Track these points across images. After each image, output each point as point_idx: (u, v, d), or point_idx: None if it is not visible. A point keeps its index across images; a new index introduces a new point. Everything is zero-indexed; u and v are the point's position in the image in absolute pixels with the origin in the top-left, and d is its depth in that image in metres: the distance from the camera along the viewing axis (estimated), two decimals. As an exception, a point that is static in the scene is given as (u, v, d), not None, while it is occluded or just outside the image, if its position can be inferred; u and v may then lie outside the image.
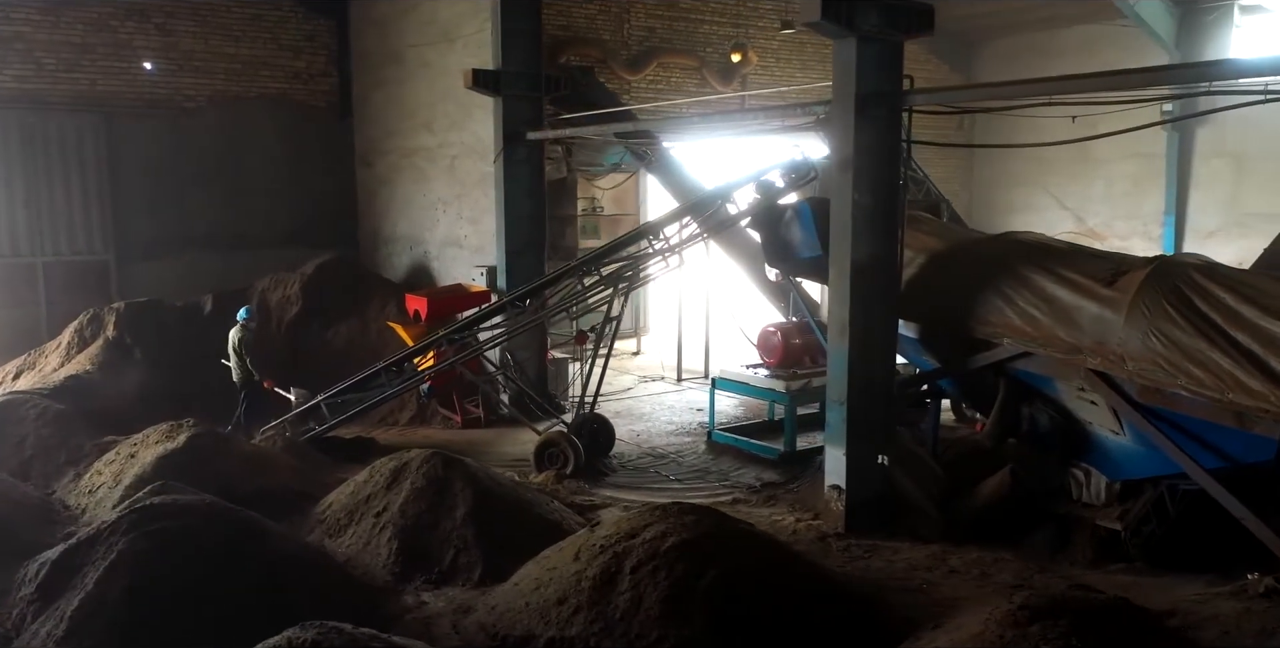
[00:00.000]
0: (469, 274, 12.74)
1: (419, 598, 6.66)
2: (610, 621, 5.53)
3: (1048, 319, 6.66)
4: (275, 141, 14.86)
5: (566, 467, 9.19)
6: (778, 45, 21.43)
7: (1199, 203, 20.35)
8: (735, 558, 5.76)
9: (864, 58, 7.20)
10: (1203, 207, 20.19)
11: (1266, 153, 18.39)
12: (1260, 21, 19.42)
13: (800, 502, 8.53)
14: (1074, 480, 7.27)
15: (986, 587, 6.68)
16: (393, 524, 7.26)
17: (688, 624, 5.42)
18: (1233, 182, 19.84)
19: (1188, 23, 20.24)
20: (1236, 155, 19.58)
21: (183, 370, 11.80)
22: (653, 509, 6.24)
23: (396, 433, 11.42)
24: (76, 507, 8.33)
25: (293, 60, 14.96)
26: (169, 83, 13.97)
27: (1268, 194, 19.34)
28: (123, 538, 5.93)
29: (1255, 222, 19.23)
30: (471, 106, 12.48)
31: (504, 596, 6.19)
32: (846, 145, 7.29)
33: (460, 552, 7.04)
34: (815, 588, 5.88)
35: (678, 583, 5.57)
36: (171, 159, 14.01)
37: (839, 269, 7.46)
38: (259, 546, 6.28)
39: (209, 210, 14.36)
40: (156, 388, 11.41)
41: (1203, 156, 20.03)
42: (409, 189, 14.22)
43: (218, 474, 8.25)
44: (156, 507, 6.15)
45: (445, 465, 7.59)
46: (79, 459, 9.11)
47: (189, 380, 11.68)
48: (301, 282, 13.00)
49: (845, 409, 7.51)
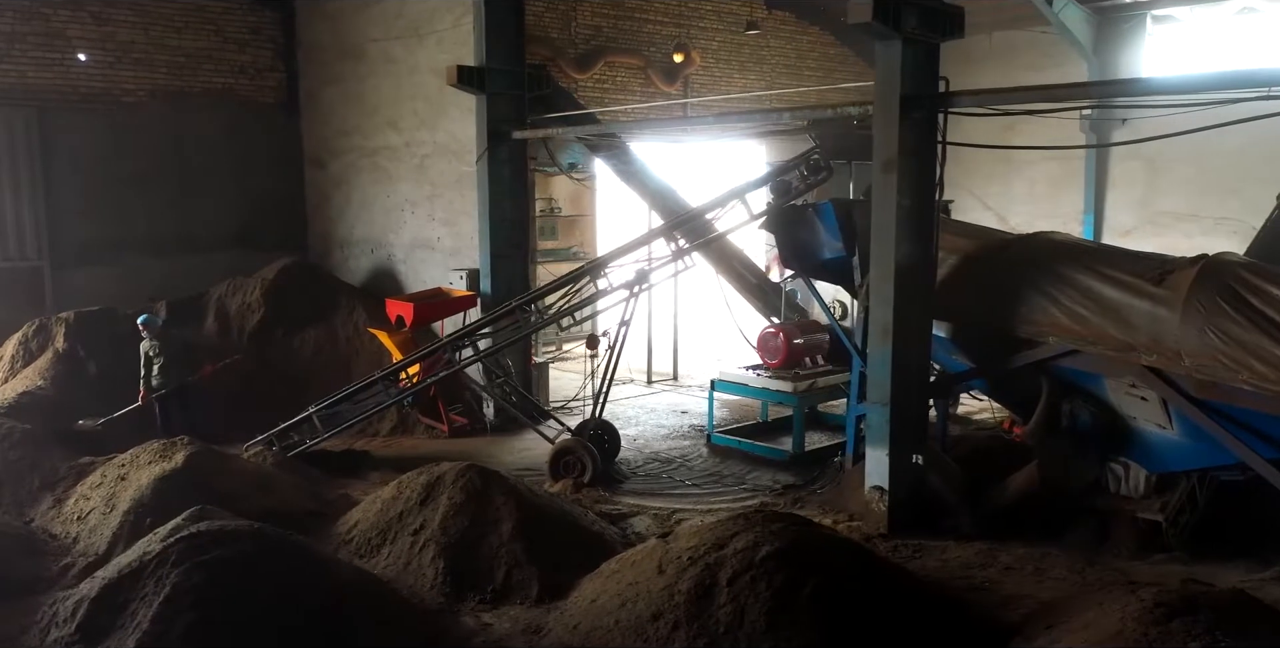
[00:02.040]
0: (444, 278, 12.31)
1: (479, 620, 6.35)
2: (714, 635, 5.36)
3: (1097, 318, 6.79)
4: (220, 139, 14.03)
5: (584, 475, 8.94)
6: (717, 46, 21.53)
7: (1115, 202, 21.30)
8: (831, 565, 5.67)
9: (907, 60, 7.22)
10: (1119, 206, 21.13)
11: (1176, 155, 19.39)
12: (1170, 30, 20.50)
13: (829, 503, 8.50)
14: (1112, 475, 7.46)
15: (1045, 582, 6.78)
16: (435, 542, 6.91)
17: (796, 636, 5.30)
18: (1146, 182, 20.83)
19: (1104, 31, 21.22)
20: (1149, 157, 20.56)
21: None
22: (735, 518, 6.10)
23: (381, 444, 10.92)
24: (65, 535, 7.64)
25: (237, 54, 14.16)
26: (106, 75, 13.02)
27: (1178, 194, 20.39)
28: (174, 570, 5.46)
29: (1167, 220, 20.33)
30: (446, 104, 12.05)
31: (584, 614, 5.94)
32: (890, 147, 7.30)
33: (512, 569, 6.75)
34: (909, 591, 5.85)
35: (779, 593, 5.43)
36: (110, 157, 13.06)
37: (882, 270, 7.47)
38: (316, 572, 5.88)
39: (150, 212, 13.45)
40: (116, 404, 10.61)
41: (1118, 158, 20.94)
42: (370, 190, 13.64)
43: (222, 495, 7.71)
44: (205, 535, 5.68)
45: (483, 478, 7.28)
46: (55, 483, 8.38)
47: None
48: (262, 287, 12.32)
49: (889, 410, 7.52)
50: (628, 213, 18.03)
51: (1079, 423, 7.34)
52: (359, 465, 9.71)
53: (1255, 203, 19.07)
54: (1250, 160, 17.98)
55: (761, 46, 22.51)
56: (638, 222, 18.30)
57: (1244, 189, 18.66)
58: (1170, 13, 20.46)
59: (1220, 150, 18.37)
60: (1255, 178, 18.87)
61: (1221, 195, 19.31)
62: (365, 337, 12.29)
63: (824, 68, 23.98)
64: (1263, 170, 18.40)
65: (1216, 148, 17.89)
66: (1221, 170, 18.91)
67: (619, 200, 16.77)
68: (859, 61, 25.03)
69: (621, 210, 17.66)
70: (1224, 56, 19.00)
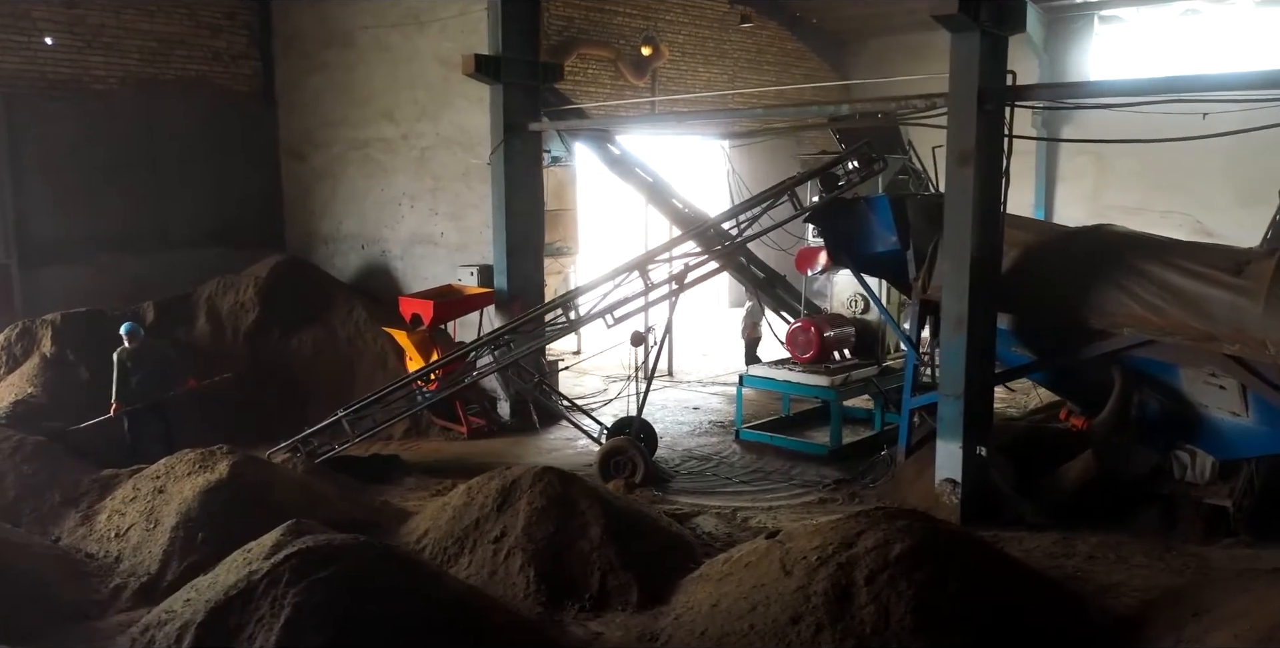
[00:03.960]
0: (449, 274, 11.91)
1: (587, 629, 6.12)
2: (861, 637, 5.25)
3: (1175, 309, 6.91)
4: (195, 130, 13.31)
5: (635, 475, 8.74)
6: (683, 40, 21.44)
7: (1065, 196, 21.93)
8: (964, 561, 5.63)
9: (984, 52, 7.22)
10: (1068, 200, 21.76)
11: (1122, 150, 20.09)
12: (1115, 30, 21.23)
13: (886, 497, 8.48)
14: (1177, 462, 7.61)
15: (1132, 569, 6.86)
16: (521, 549, 6.64)
17: (945, 634, 5.23)
18: (1094, 177, 21.51)
19: (1055, 30, 21.85)
20: (1097, 152, 21.24)
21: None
22: (854, 516, 6.00)
23: (398, 448, 10.50)
24: (103, 554, 7.09)
25: (211, 40, 13.44)
26: (75, 61, 12.20)
27: (1124, 189, 21.09)
28: (289, 589, 5.08)
29: (1115, 214, 20.92)
30: (450, 94, 11.65)
31: (707, 619, 5.75)
32: (967, 139, 7.30)
33: (607, 574, 6.52)
34: (1034, 584, 5.85)
35: (921, 592, 5.36)
36: (81, 148, 12.25)
37: (956, 263, 7.47)
38: (429, 585, 5.56)
39: (124, 207, 12.67)
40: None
41: (1068, 153, 21.56)
42: (359, 184, 13.11)
43: (273, 507, 7.30)
44: (316, 551, 5.31)
45: (562, 481, 7.03)
46: (77, 499, 7.78)
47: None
48: (256, 286, 11.73)
49: (962, 403, 7.53)
50: (610, 207, 17.85)
51: (1147, 412, 7.47)
52: (390, 471, 9.30)
53: (1200, 197, 19.90)
54: (1194, 156, 18.71)
55: (724, 41, 22.51)
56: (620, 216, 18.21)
57: (1189, 184, 19.47)
58: (1117, 13, 21.17)
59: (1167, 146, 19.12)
60: (1200, 173, 19.68)
61: (1168, 190, 19.99)
62: (368, 337, 11.82)
63: (781, 63, 24.16)
64: (1206, 165, 19.21)
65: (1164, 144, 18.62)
66: (1167, 166, 19.59)
67: (602, 194, 16.56)
68: (814, 57, 25.32)
69: (603, 205, 17.45)
70: (1168, 56, 19.78)
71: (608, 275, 9.09)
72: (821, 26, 24.56)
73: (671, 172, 15.36)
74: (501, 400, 11.19)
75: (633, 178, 12.87)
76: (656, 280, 9.15)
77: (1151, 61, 19.69)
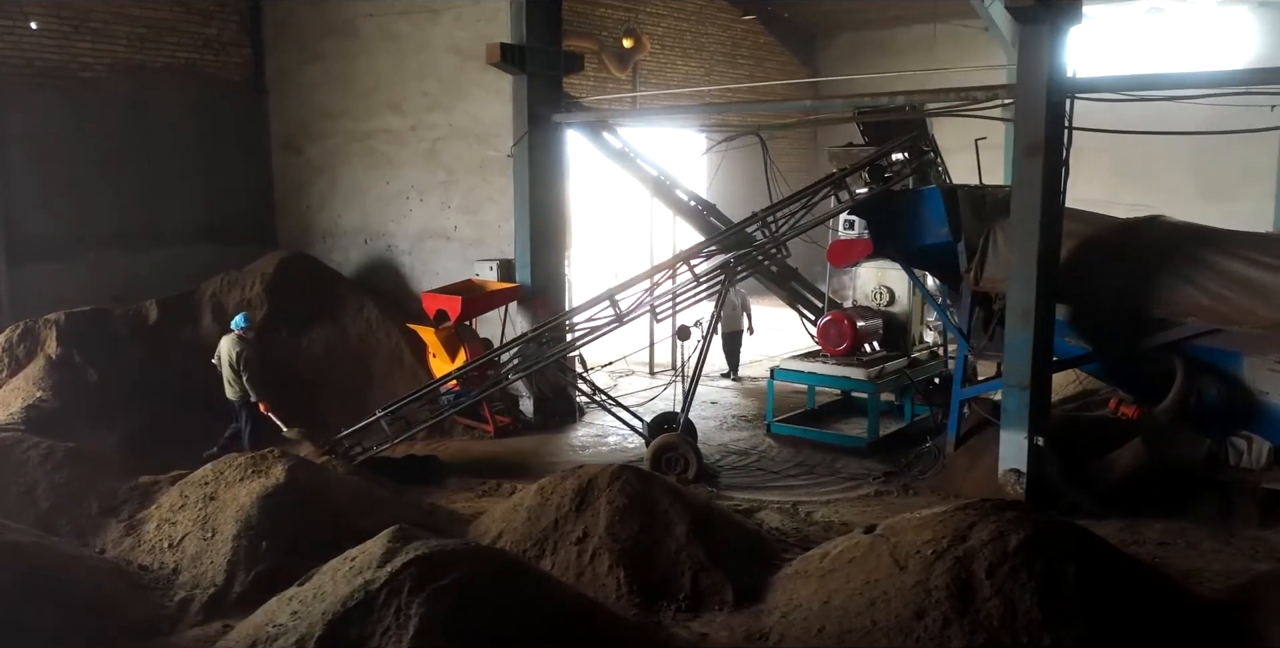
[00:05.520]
0: (462, 269, 11.60)
1: (690, 630, 5.98)
2: (990, 630, 5.21)
3: (1242, 297, 7.03)
4: (185, 120, 12.79)
5: (688, 471, 8.61)
6: (662, 32, 21.33)
7: (1036, 189, 22.28)
8: (1077, 551, 5.62)
9: (1058, 44, 7.25)
10: (1039, 193, 22.10)
11: (1098, 144, 20.55)
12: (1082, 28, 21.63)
13: (941, 488, 8.51)
14: (1233, 449, 7.75)
15: (1205, 555, 6.98)
16: (607, 550, 6.47)
17: (1071, 625, 5.22)
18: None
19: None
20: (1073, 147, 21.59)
21: (149, 393, 9.91)
22: (960, 508, 5.95)
23: (424, 448, 10.20)
24: (158, 566, 6.72)
25: (202, 26, 12.91)
26: (62, 46, 11.61)
27: (1094, 182, 21.52)
28: (413, 598, 4.86)
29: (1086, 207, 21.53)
30: (465, 84, 11.35)
31: (821, 617, 5.66)
32: (1036, 131, 7.32)
33: (699, 573, 6.39)
34: (1140, 572, 5.88)
35: (1044, 583, 5.34)
36: (68, 139, 11.67)
37: (1024, 255, 7.49)
38: (545, 590, 5.38)
39: (116, 202, 12.13)
40: (124, 414, 9.52)
41: (1031, 148, 21.87)
42: (362, 177, 12.71)
43: (331, 511, 7.06)
44: (434, 557, 5.09)
45: (641, 479, 6.88)
46: (117, 508, 7.36)
47: (161, 405, 9.86)
48: (263, 282, 11.29)
49: (1028, 394, 7.56)
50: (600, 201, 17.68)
51: (1205, 399, 7.59)
52: (429, 472, 9.03)
53: (1167, 190, 20.44)
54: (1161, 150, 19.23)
55: (701, 34, 22.48)
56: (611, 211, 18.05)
57: (1157, 177, 19.99)
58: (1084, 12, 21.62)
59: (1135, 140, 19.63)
60: (1168, 167, 20.23)
61: (1136, 183, 20.46)
62: (380, 334, 11.49)
63: (755, 56, 24.22)
64: (1173, 160, 19.75)
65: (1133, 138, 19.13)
66: (1135, 160, 20.06)
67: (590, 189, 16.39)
68: (784, 51, 25.41)
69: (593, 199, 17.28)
70: (1132, 53, 20.28)
71: (651, 270, 8.93)
72: (792, 21, 24.70)
73: (675, 165, 15.28)
74: (524, 398, 10.96)
75: (636, 170, 12.73)
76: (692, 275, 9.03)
77: (1115, 59, 20.17)
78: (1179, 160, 19.77)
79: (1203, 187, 19.60)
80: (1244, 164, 19.28)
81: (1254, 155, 18.82)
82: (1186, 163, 19.69)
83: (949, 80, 14.99)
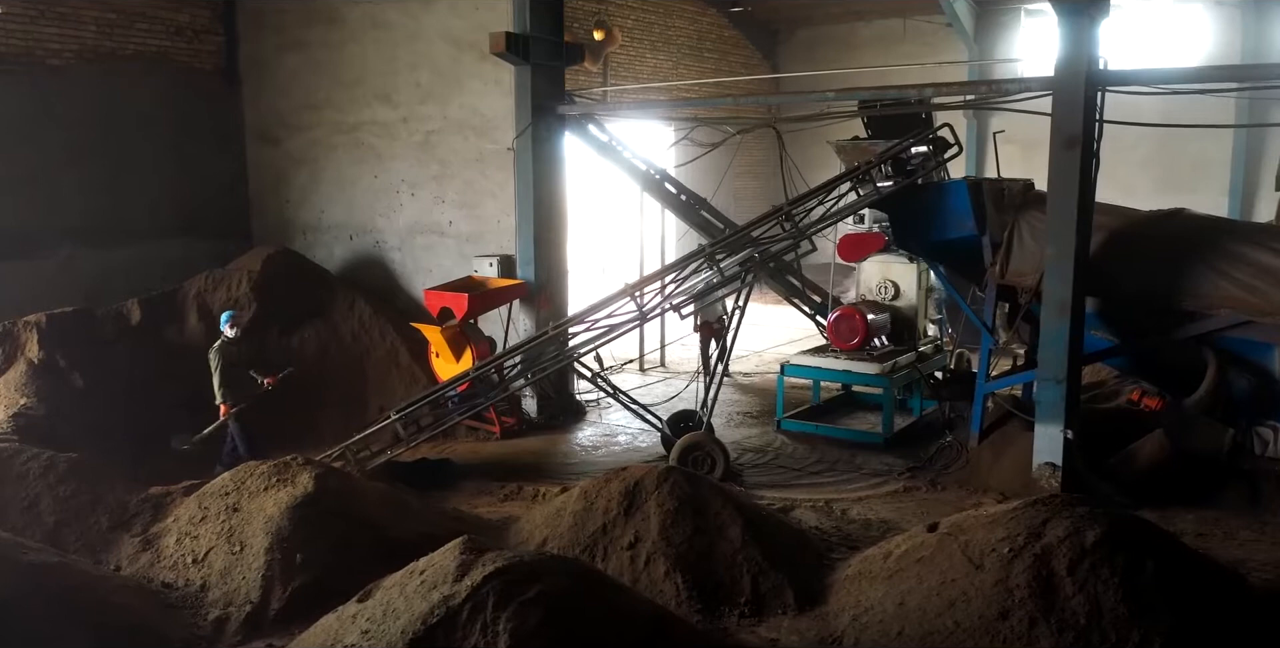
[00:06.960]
0: (458, 266, 11.26)
1: (758, 635, 5.82)
2: (1078, 628, 5.15)
3: (1274, 289, 7.11)
4: (156, 110, 12.17)
5: (715, 470, 8.45)
6: (631, 24, 21.09)
7: (995, 184, 22.63)
8: (1152, 545, 5.60)
9: (1094, 36, 7.24)
10: (1000, 188, 22.45)
11: (1035, 139, 20.88)
12: (1040, 23, 22.08)
13: (968, 483, 8.49)
14: (1258, 438, 7.86)
15: (1245, 544, 7.07)
16: (662, 555, 6.29)
17: (1157, 620, 5.19)
18: (1023, 165, 22.25)
19: (985, 21, 22.56)
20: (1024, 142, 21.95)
21: (139, 398, 9.41)
22: (1030, 504, 5.88)
23: (429, 450, 9.86)
24: (184, 583, 6.33)
25: (174, 13, 12.30)
26: (27, 31, 10.93)
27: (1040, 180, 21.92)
28: (500, 613, 4.62)
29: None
30: (461, 75, 10.99)
31: (899, 619, 5.55)
32: (1074, 123, 7.31)
33: (758, 576, 6.24)
34: (1208, 564, 5.88)
35: (1126, 579, 5.30)
36: (35, 129, 11.00)
37: (1061, 248, 7.48)
38: (624, 601, 5.18)
39: (84, 195, 11.47)
40: (118, 422, 9.04)
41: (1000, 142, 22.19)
42: (347, 170, 12.26)
43: (364, 521, 6.74)
44: (512, 570, 4.84)
45: (690, 481, 6.70)
46: (128, 521, 6.92)
47: (152, 411, 9.36)
48: (250, 280, 10.81)
49: (1064, 387, 7.56)
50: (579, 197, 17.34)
51: (1235, 390, 7.67)
52: (444, 475, 8.72)
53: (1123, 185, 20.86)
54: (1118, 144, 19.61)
55: (668, 27, 22.29)
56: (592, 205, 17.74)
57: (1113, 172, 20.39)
58: (1042, 7, 21.98)
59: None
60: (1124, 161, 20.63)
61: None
62: (374, 332, 11.09)
63: (719, 50, 24.12)
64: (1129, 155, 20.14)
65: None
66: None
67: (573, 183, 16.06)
68: (748, 45, 25.36)
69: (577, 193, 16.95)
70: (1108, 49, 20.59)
71: (673, 265, 8.75)
72: (754, 16, 24.66)
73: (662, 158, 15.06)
74: (527, 397, 10.69)
75: (623, 164, 12.51)
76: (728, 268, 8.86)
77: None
78: (1135, 155, 20.16)
79: (1156, 181, 20.00)
80: (1198, 157, 19.74)
81: (1209, 149, 19.29)
82: (1141, 157, 20.09)
83: (910, 77, 15.10)
